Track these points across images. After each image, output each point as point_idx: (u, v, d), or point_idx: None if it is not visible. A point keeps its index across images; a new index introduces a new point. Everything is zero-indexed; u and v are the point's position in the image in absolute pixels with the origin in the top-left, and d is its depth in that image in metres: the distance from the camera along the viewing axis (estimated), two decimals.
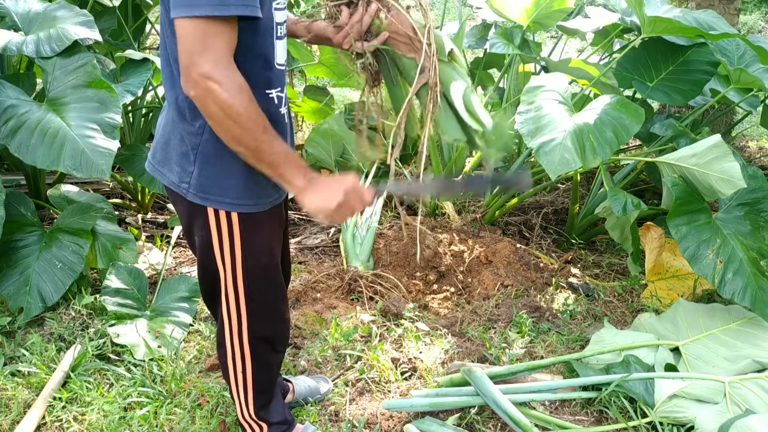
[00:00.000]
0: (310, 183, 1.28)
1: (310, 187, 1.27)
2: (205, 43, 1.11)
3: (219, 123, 1.17)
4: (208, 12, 1.10)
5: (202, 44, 1.11)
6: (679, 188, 2.28)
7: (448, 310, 2.56)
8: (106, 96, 2.47)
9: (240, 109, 1.15)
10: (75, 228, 2.49)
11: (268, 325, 1.55)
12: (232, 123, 1.16)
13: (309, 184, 1.27)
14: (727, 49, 3.09)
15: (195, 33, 1.11)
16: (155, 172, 1.41)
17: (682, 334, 2.18)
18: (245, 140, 1.19)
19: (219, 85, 1.13)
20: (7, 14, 2.71)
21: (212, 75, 1.12)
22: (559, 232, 3.23)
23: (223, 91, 1.13)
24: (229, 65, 1.15)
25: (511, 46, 3.06)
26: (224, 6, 1.11)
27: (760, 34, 7.04)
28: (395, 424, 1.91)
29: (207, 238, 1.40)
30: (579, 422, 1.94)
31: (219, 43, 1.13)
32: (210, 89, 1.13)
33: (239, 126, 1.17)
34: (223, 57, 1.14)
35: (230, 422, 1.90)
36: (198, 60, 1.12)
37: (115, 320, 2.28)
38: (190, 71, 1.12)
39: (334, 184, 1.30)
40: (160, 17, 1.29)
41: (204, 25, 1.11)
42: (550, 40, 6.58)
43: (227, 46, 1.14)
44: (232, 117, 1.15)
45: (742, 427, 1.73)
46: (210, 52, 1.12)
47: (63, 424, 1.90)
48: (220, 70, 1.13)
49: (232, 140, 1.20)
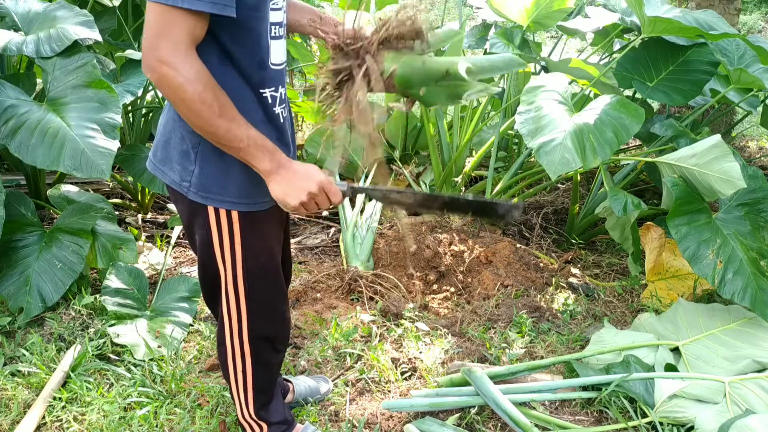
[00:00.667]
0: (279, 168, 1.28)
1: (278, 172, 1.28)
2: (166, 29, 1.14)
3: (176, 106, 1.20)
4: (176, 3, 1.12)
5: (163, 30, 1.14)
6: (679, 188, 2.28)
7: (448, 310, 2.56)
8: (106, 96, 2.47)
9: (193, 95, 1.16)
10: (75, 228, 2.49)
11: (268, 325, 1.55)
12: (186, 108, 1.18)
13: (278, 169, 1.28)
14: (727, 49, 3.10)
15: (158, 18, 1.14)
16: (156, 170, 1.42)
17: (682, 334, 2.18)
18: (200, 124, 1.21)
19: (174, 71, 1.14)
20: (7, 14, 2.71)
21: (167, 60, 1.14)
22: (559, 232, 3.23)
23: (177, 76, 1.15)
24: (187, 52, 1.16)
25: (511, 46, 3.06)
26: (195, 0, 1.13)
27: (760, 34, 7.04)
28: (395, 424, 1.91)
29: (207, 237, 1.40)
30: (579, 422, 1.94)
31: (179, 32, 1.15)
32: (164, 74, 1.15)
33: (192, 111, 1.18)
34: (181, 45, 1.15)
35: (230, 422, 1.90)
36: (157, 44, 1.14)
37: (115, 320, 2.28)
38: (148, 54, 1.15)
39: (306, 175, 1.30)
40: None
41: (169, 13, 1.13)
42: (550, 40, 6.58)
43: (188, 35, 1.16)
44: (185, 102, 1.17)
45: (742, 427, 1.73)
46: (169, 39, 1.14)
47: (63, 424, 1.90)
48: (176, 57, 1.15)
49: (190, 124, 1.23)
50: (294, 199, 1.29)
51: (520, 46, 3.15)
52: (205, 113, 1.19)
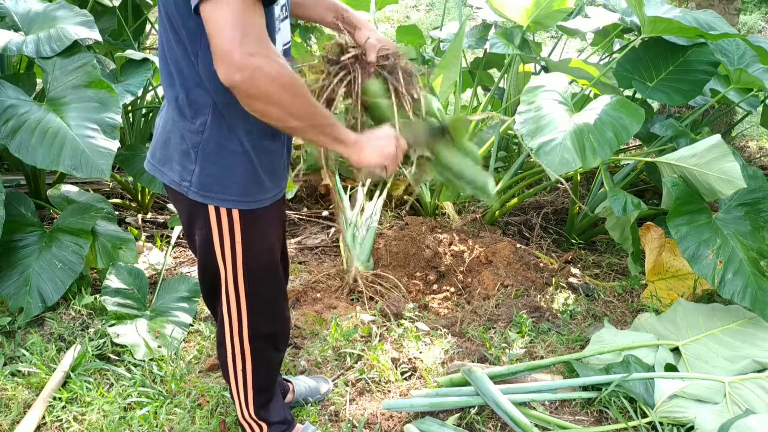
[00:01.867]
0: (358, 138, 1.32)
1: (361, 142, 1.32)
2: (244, 23, 1.08)
3: (271, 98, 1.14)
4: None
5: (242, 25, 1.08)
6: (679, 188, 2.28)
7: (448, 310, 2.56)
8: (106, 96, 2.47)
9: (291, 79, 1.14)
10: (75, 228, 2.49)
11: (268, 323, 1.55)
12: (286, 93, 1.14)
13: (358, 140, 1.32)
14: (727, 49, 3.09)
15: (232, 15, 1.07)
16: (155, 171, 1.41)
17: (682, 334, 2.18)
18: (300, 108, 1.18)
19: (266, 59, 1.10)
20: (7, 14, 2.71)
21: (259, 51, 1.09)
22: (559, 232, 3.23)
23: (272, 62, 1.11)
24: (269, 40, 1.13)
25: (511, 46, 3.06)
26: None
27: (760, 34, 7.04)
28: (395, 424, 1.91)
29: (208, 236, 1.40)
30: (579, 422, 1.94)
31: (259, 20, 1.11)
32: (259, 66, 1.09)
33: (293, 94, 1.15)
34: (264, 33, 1.12)
35: (230, 422, 1.90)
36: (241, 41, 1.08)
37: (115, 320, 2.28)
38: (234, 53, 1.08)
39: (381, 135, 1.35)
40: (158, 17, 1.29)
41: (242, 7, 1.08)
42: (550, 40, 6.58)
43: (263, 22, 1.13)
44: (285, 87, 1.13)
45: (742, 427, 1.73)
46: (252, 30, 1.09)
47: (63, 424, 1.90)
48: (265, 46, 1.11)
49: (285, 113, 1.17)
50: (384, 158, 1.33)
51: (520, 46, 3.15)
52: (304, 94, 1.18)
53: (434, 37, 4.05)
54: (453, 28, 3.92)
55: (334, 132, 1.27)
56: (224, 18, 1.07)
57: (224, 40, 1.07)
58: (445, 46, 3.87)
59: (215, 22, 1.08)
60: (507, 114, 3.47)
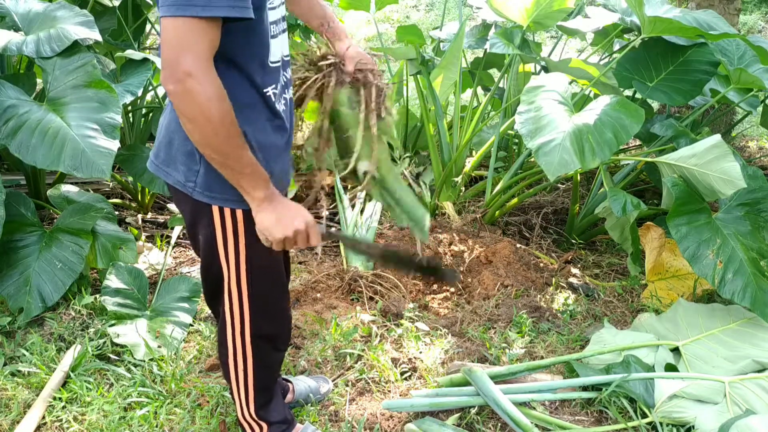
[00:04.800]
0: (269, 199, 1.29)
1: (268, 203, 1.30)
2: (188, 42, 1.12)
3: (193, 123, 1.17)
4: (194, 12, 1.11)
5: (185, 43, 1.12)
6: (679, 188, 2.28)
7: (448, 310, 2.56)
8: (106, 96, 2.46)
9: (218, 113, 1.16)
10: (75, 228, 2.49)
11: (270, 323, 1.55)
12: (208, 125, 1.16)
13: (268, 201, 1.29)
14: (727, 49, 3.09)
15: (179, 32, 1.12)
16: (159, 171, 1.42)
17: (682, 334, 2.18)
18: (216, 143, 1.19)
19: (200, 86, 1.13)
20: (7, 14, 2.71)
21: (194, 74, 1.13)
22: (559, 232, 3.23)
23: (204, 92, 1.14)
24: (209, 67, 1.15)
25: (511, 46, 3.06)
26: (210, 7, 1.11)
27: (760, 34, 7.04)
28: (395, 424, 1.91)
29: (211, 236, 1.40)
30: (579, 422, 1.94)
31: (202, 43, 1.13)
32: (191, 89, 1.13)
33: (213, 129, 1.17)
34: (204, 59, 1.14)
35: (230, 422, 1.90)
36: (181, 58, 1.12)
37: (115, 320, 2.28)
38: (173, 67, 1.12)
39: (296, 211, 1.33)
40: (159, 17, 1.29)
41: (189, 24, 1.11)
42: (550, 40, 6.58)
43: (210, 46, 1.15)
44: (209, 119, 1.16)
45: (742, 427, 1.73)
46: (192, 52, 1.13)
47: (63, 424, 1.90)
48: (202, 71, 1.13)
49: (202, 141, 1.20)
50: (280, 232, 1.31)
51: (520, 46, 3.15)
52: (225, 133, 1.18)
53: (434, 37, 4.05)
54: (453, 28, 3.91)
55: (242, 181, 1.26)
56: (168, 37, 1.13)
57: (169, 53, 1.13)
58: (445, 46, 3.86)
59: (165, 35, 1.13)
60: (507, 114, 3.47)
